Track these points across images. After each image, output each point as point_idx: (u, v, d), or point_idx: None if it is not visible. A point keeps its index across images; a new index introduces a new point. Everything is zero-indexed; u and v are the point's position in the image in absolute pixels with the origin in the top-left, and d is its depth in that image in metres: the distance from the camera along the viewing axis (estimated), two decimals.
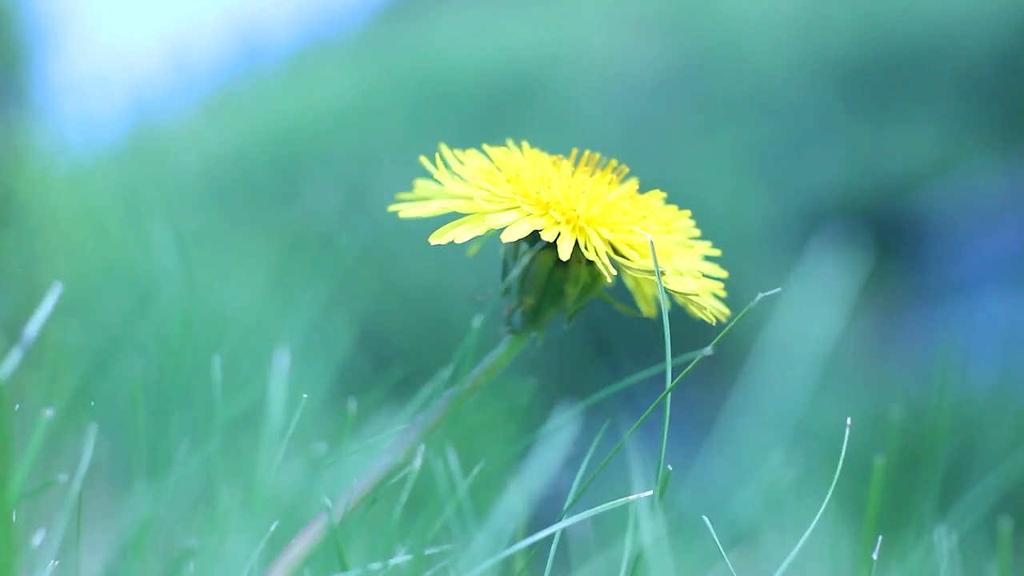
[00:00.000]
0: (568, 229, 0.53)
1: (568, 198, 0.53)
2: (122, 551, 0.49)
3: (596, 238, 0.53)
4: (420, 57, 3.54)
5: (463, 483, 0.56)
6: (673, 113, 3.26)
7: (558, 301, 0.55)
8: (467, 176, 0.56)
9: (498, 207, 0.53)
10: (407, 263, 2.96)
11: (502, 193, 0.54)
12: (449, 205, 0.54)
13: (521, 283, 0.56)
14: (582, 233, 0.53)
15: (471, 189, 0.54)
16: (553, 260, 0.55)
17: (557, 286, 0.55)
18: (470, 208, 0.53)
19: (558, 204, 0.53)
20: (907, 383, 2.64)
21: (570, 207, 0.53)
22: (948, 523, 0.68)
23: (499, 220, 0.53)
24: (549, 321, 0.56)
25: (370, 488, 0.51)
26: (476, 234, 0.53)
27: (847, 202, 2.99)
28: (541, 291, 0.55)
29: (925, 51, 3.12)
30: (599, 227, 0.54)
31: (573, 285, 0.55)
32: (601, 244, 0.53)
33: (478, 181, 0.55)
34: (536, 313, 0.56)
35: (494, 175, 0.55)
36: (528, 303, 0.55)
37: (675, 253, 0.55)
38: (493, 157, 0.57)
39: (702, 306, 0.55)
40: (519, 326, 0.56)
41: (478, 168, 0.56)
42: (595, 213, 0.54)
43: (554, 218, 0.53)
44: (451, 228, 0.53)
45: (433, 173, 0.56)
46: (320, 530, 0.48)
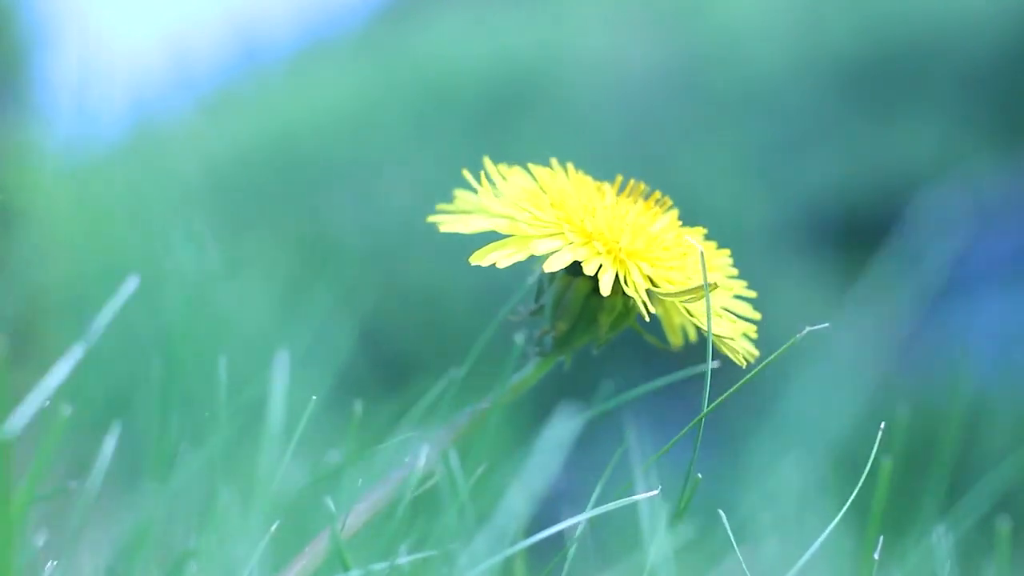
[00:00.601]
0: (609, 260, 0.53)
1: (612, 229, 0.53)
2: (123, 552, 0.49)
3: (636, 273, 0.53)
4: (420, 57, 3.54)
5: (465, 484, 0.56)
6: (673, 113, 3.26)
7: (591, 329, 0.55)
8: (510, 195, 0.55)
9: (541, 233, 0.53)
10: (409, 265, 2.96)
11: (546, 218, 0.53)
12: (491, 225, 0.53)
13: (554, 308, 0.55)
14: (622, 266, 0.53)
15: (514, 210, 0.54)
16: (589, 288, 0.54)
17: (591, 315, 0.55)
18: (512, 230, 0.53)
19: (602, 235, 0.53)
20: (907, 383, 2.64)
21: (613, 239, 0.53)
22: (948, 523, 0.68)
23: (542, 247, 0.52)
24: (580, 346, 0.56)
25: (385, 502, 0.51)
26: (518, 259, 0.52)
27: (847, 201, 2.99)
28: (575, 318, 0.55)
29: (925, 51, 3.12)
30: (640, 261, 0.53)
31: (607, 315, 0.55)
32: (641, 280, 0.53)
33: (522, 203, 0.54)
34: (567, 339, 0.55)
35: (538, 197, 0.55)
36: (560, 328, 0.55)
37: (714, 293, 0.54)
38: (538, 178, 0.56)
39: (735, 349, 0.55)
40: (549, 350, 0.55)
41: (522, 188, 0.55)
42: (638, 248, 0.53)
43: (596, 249, 0.53)
44: (493, 250, 0.52)
45: (476, 189, 0.55)
46: (327, 540, 0.48)
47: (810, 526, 0.77)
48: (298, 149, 3.40)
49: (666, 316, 0.58)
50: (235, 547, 0.45)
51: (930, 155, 3.04)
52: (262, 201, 3.31)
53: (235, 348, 0.59)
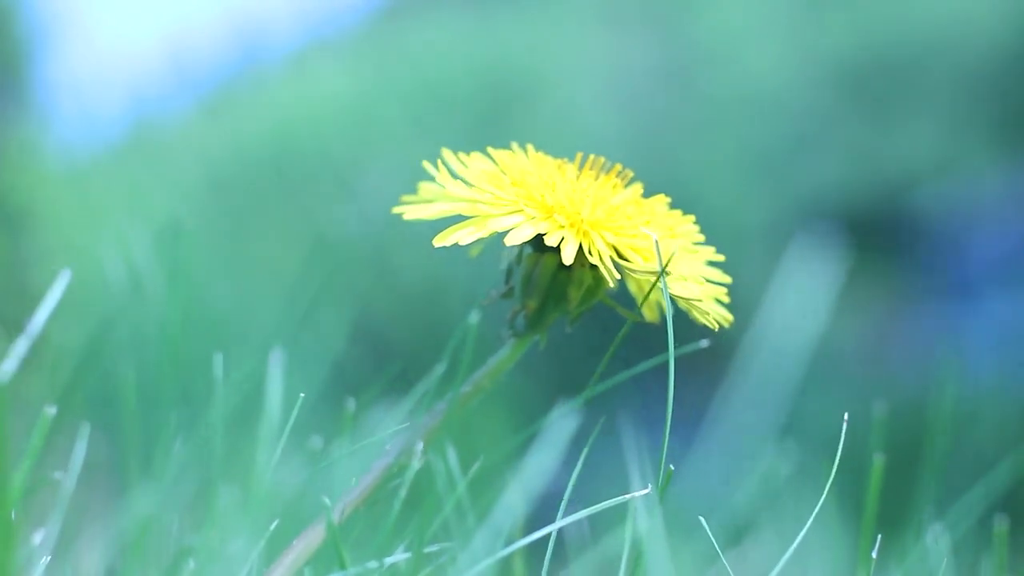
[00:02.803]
0: (572, 233, 0.53)
1: (572, 202, 0.53)
2: (121, 549, 0.49)
3: (600, 242, 0.53)
4: (418, 57, 3.54)
5: (462, 481, 0.56)
6: (672, 113, 3.26)
7: (561, 304, 0.55)
8: (471, 179, 0.55)
9: (502, 210, 0.53)
10: (404, 261, 2.96)
11: (506, 196, 0.54)
12: (453, 208, 0.54)
13: (524, 286, 0.56)
14: (586, 237, 0.53)
15: (475, 192, 0.54)
16: (556, 263, 0.55)
17: (560, 289, 0.55)
18: (474, 211, 0.53)
19: (562, 208, 0.53)
20: (907, 382, 2.64)
21: (574, 211, 0.53)
22: (946, 522, 0.68)
23: (503, 223, 0.53)
24: (552, 324, 0.56)
25: (370, 489, 0.51)
26: (479, 236, 0.53)
27: (847, 202, 2.99)
28: (544, 294, 0.55)
29: (925, 51, 3.12)
30: (603, 231, 0.53)
31: (576, 289, 0.55)
32: (605, 248, 0.53)
33: (482, 184, 0.55)
34: (539, 316, 0.56)
35: (498, 178, 0.55)
36: (531, 306, 0.55)
37: (679, 258, 0.55)
38: (497, 160, 0.57)
39: (705, 311, 0.55)
40: (522, 329, 0.56)
41: (482, 171, 0.56)
42: (599, 217, 0.53)
43: (558, 222, 0.53)
44: (455, 231, 0.53)
45: (435, 176, 0.56)
46: (320, 531, 0.49)
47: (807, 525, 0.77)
48: (297, 148, 3.40)
49: (639, 291, 0.58)
50: (233, 544, 0.45)
51: (930, 155, 3.04)
52: (261, 199, 3.32)
53: (233, 345, 0.59)
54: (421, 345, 2.47)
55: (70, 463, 0.51)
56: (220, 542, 0.45)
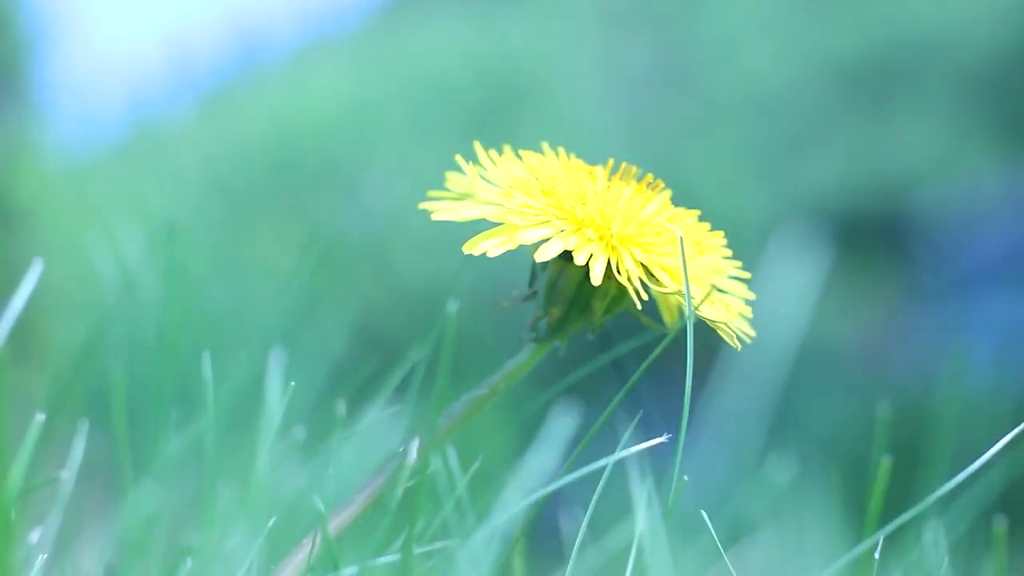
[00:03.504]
0: (600, 247, 0.52)
1: (603, 215, 0.53)
2: (120, 548, 0.49)
3: (629, 260, 0.53)
4: (418, 57, 3.54)
5: (461, 480, 0.56)
6: (672, 113, 3.26)
7: (585, 314, 0.55)
8: (501, 182, 0.55)
9: (531, 222, 0.52)
10: (404, 259, 2.96)
11: (536, 205, 0.53)
12: (481, 212, 0.53)
13: (548, 293, 0.55)
14: (614, 252, 0.52)
15: (504, 198, 0.54)
16: (582, 274, 0.54)
17: (585, 300, 0.55)
18: (502, 218, 0.53)
19: (593, 222, 0.53)
20: (907, 382, 2.64)
21: (605, 225, 0.53)
22: (945, 522, 0.68)
23: (532, 236, 0.52)
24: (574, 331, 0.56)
25: (374, 495, 0.51)
26: (508, 248, 0.52)
27: (847, 202, 2.99)
28: (568, 303, 0.55)
29: (925, 51, 3.12)
30: (632, 247, 0.53)
31: (601, 300, 0.55)
32: (634, 267, 0.52)
33: (512, 190, 0.54)
34: (562, 324, 0.55)
35: (529, 185, 0.55)
36: (554, 314, 0.55)
37: (707, 277, 0.54)
38: (528, 164, 0.56)
39: (731, 333, 0.54)
40: (543, 335, 0.55)
41: (512, 176, 0.55)
42: (629, 233, 0.53)
43: (587, 237, 0.53)
44: (483, 239, 0.52)
45: (467, 174, 0.55)
46: (318, 534, 0.48)
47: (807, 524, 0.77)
48: (296, 148, 3.40)
49: (663, 300, 0.58)
50: (231, 542, 0.45)
51: (930, 155, 3.04)
52: (261, 199, 3.32)
53: (234, 345, 0.59)
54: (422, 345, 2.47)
55: (69, 462, 0.51)
56: (219, 541, 0.45)
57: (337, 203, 3.21)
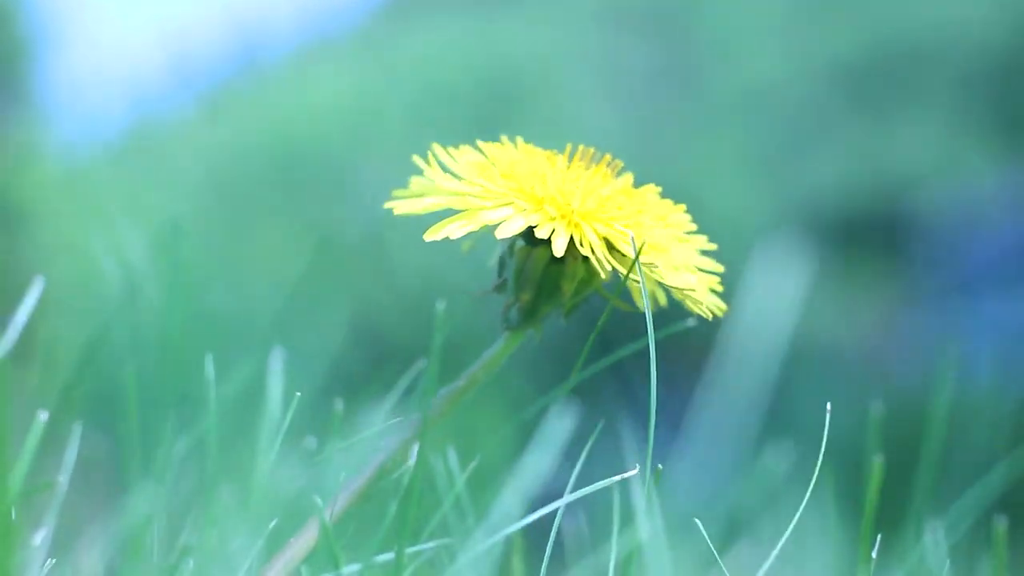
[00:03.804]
0: (563, 225, 0.53)
1: (563, 193, 0.53)
2: (120, 549, 0.49)
3: (591, 233, 0.53)
4: (418, 56, 3.54)
5: (460, 479, 0.56)
6: (672, 112, 3.26)
7: (554, 297, 0.55)
8: (461, 172, 0.55)
9: (492, 203, 0.53)
10: (402, 259, 2.96)
11: (496, 189, 0.54)
12: (443, 201, 0.54)
13: (516, 279, 0.55)
14: (577, 228, 0.53)
15: (465, 185, 0.54)
16: (548, 256, 0.54)
17: (553, 282, 0.55)
18: (464, 204, 0.53)
19: (553, 199, 0.53)
20: (906, 382, 2.64)
21: (565, 202, 0.53)
22: (945, 522, 0.68)
23: (493, 216, 0.53)
24: (546, 317, 0.56)
25: (364, 486, 0.51)
26: (470, 230, 0.53)
27: (846, 201, 2.99)
28: (537, 287, 0.55)
29: (925, 51, 3.12)
30: (594, 222, 0.53)
31: (569, 281, 0.55)
32: (596, 239, 0.53)
33: (472, 177, 0.55)
34: (532, 309, 0.55)
35: (488, 170, 0.55)
36: (524, 299, 0.55)
37: (671, 247, 0.55)
38: (487, 152, 0.56)
39: (699, 301, 0.55)
40: (516, 323, 0.55)
41: (472, 163, 0.56)
42: (590, 208, 0.53)
43: (549, 214, 0.53)
44: (445, 224, 0.53)
45: (425, 170, 0.55)
46: (314, 530, 0.48)
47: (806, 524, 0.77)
48: (296, 147, 3.40)
49: (632, 281, 0.58)
50: (232, 543, 0.45)
51: (930, 155, 3.04)
52: (260, 199, 3.32)
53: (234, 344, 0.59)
54: (420, 343, 2.47)
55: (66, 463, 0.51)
56: (219, 542, 0.45)
57: (336, 202, 3.21)
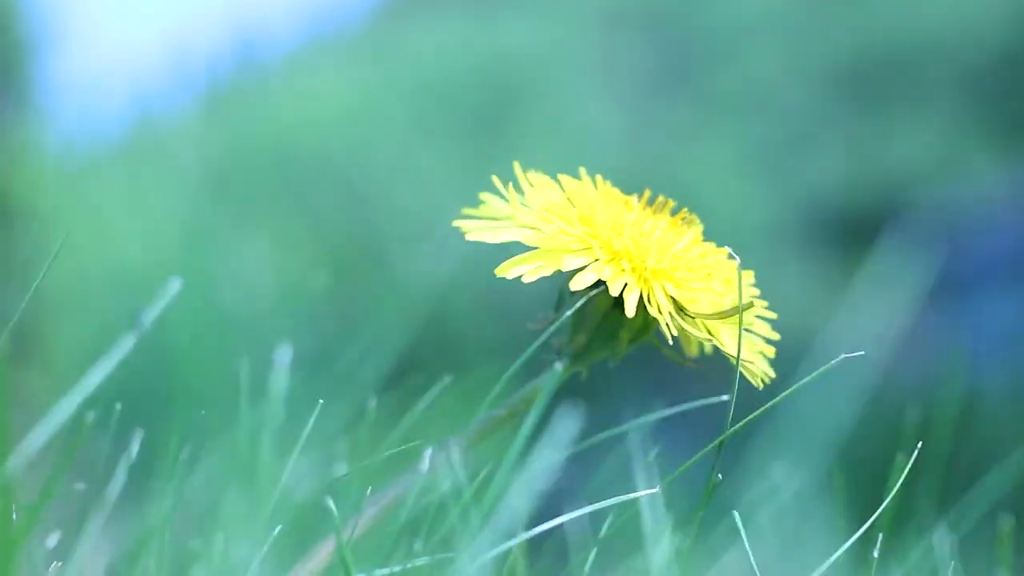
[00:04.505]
0: (634, 279, 0.52)
1: (639, 247, 0.53)
2: (129, 554, 0.49)
3: (661, 294, 0.53)
4: (418, 56, 3.54)
5: (467, 482, 0.56)
6: (671, 111, 3.26)
7: (609, 344, 0.55)
8: (538, 206, 0.55)
9: (569, 248, 0.52)
10: (408, 261, 2.96)
11: (573, 232, 0.53)
12: (519, 236, 0.53)
13: (575, 321, 0.55)
14: (647, 285, 0.52)
15: (542, 222, 0.54)
16: (610, 303, 0.54)
17: (611, 329, 0.55)
18: (539, 242, 0.52)
19: (629, 253, 0.53)
20: (907, 381, 2.64)
21: (639, 258, 0.53)
22: (949, 522, 0.68)
23: (570, 263, 0.52)
24: (598, 360, 0.56)
25: (393, 508, 0.51)
26: (544, 274, 0.52)
27: (847, 201, 2.99)
28: (594, 332, 0.55)
29: (925, 50, 3.12)
30: (665, 281, 0.53)
31: (627, 331, 0.55)
32: (665, 301, 0.52)
33: (550, 214, 0.54)
34: (586, 352, 0.55)
35: (567, 210, 0.54)
36: (579, 342, 0.55)
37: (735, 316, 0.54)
38: (566, 189, 0.56)
39: (752, 372, 0.54)
40: (568, 362, 0.55)
41: (550, 200, 0.55)
42: (663, 267, 0.53)
43: (622, 267, 0.52)
44: (519, 263, 0.52)
45: (504, 196, 0.55)
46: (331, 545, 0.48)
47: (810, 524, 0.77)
48: (297, 147, 3.40)
49: (683, 332, 0.57)
50: (240, 549, 0.45)
51: (930, 154, 3.04)
52: (262, 198, 3.32)
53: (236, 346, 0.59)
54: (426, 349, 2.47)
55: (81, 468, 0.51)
56: (227, 548, 0.45)
57: (337, 201, 3.21)
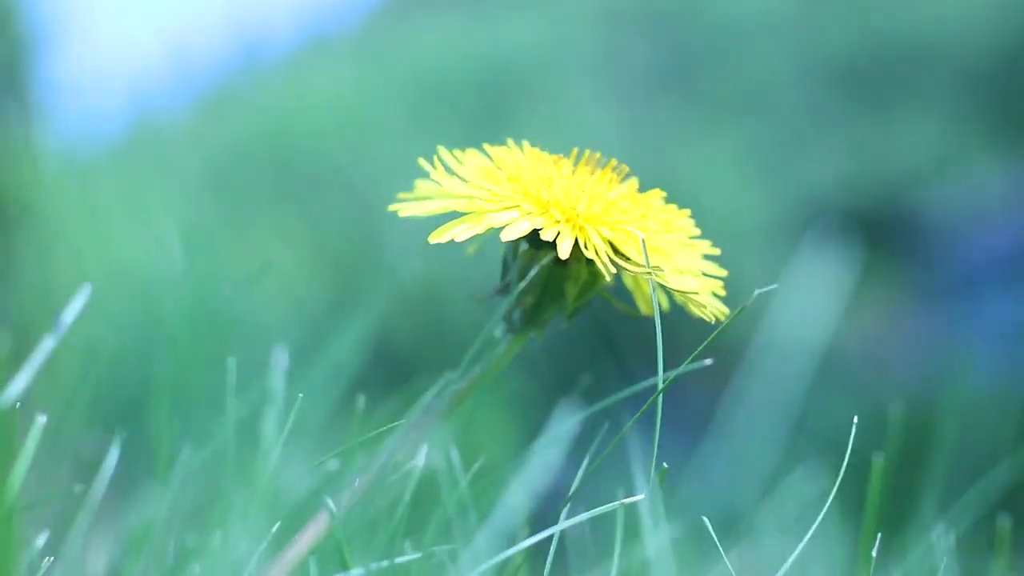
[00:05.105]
0: (568, 228, 0.53)
1: (568, 196, 0.53)
2: (125, 551, 0.49)
3: (596, 237, 0.53)
4: (417, 55, 3.54)
5: (464, 480, 0.56)
6: (671, 110, 3.26)
7: (557, 300, 0.55)
8: (466, 175, 0.55)
9: (498, 206, 0.53)
10: (408, 260, 2.96)
11: (502, 192, 0.54)
12: (448, 204, 0.54)
13: (520, 282, 0.55)
14: (582, 232, 0.53)
15: (471, 188, 0.54)
16: (552, 259, 0.55)
17: (556, 285, 0.55)
18: (469, 207, 0.53)
19: (558, 203, 0.53)
20: (908, 380, 2.64)
21: (570, 206, 0.53)
22: (948, 521, 0.68)
23: (499, 219, 0.53)
24: (549, 320, 0.56)
25: (370, 486, 0.51)
26: (475, 232, 0.53)
27: (847, 200, 2.99)
28: (540, 290, 0.55)
29: (925, 49, 3.12)
30: (599, 226, 0.54)
31: (572, 284, 0.55)
32: (601, 243, 0.53)
33: (478, 180, 0.55)
34: (536, 312, 0.55)
35: (494, 174, 0.55)
36: (528, 302, 0.55)
37: (675, 252, 0.55)
38: (493, 156, 0.57)
39: (702, 304, 0.55)
40: (519, 325, 0.56)
41: (478, 167, 0.56)
42: (595, 212, 0.53)
43: (554, 217, 0.53)
44: (451, 227, 0.53)
45: (431, 173, 0.56)
46: (321, 529, 0.49)
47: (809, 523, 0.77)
48: (297, 146, 3.40)
49: (636, 286, 0.58)
50: (237, 546, 0.45)
51: (930, 154, 3.04)
52: (261, 198, 3.32)
53: (236, 346, 0.59)
54: (421, 342, 2.48)
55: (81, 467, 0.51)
56: (224, 544, 0.45)
57: (336, 201, 3.21)
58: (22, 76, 2.46)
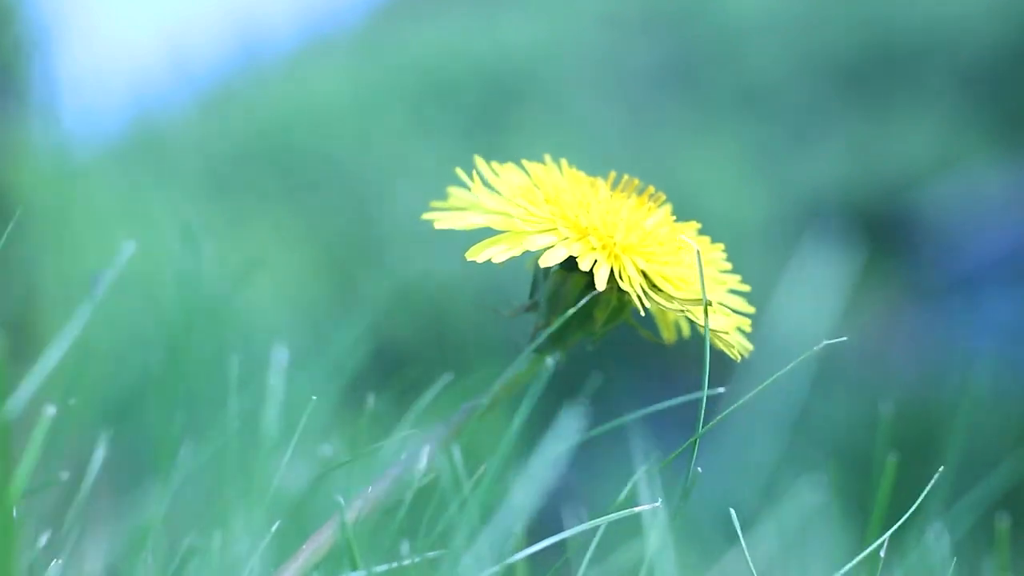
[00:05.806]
0: (604, 256, 0.53)
1: (606, 224, 0.53)
2: (126, 550, 0.49)
3: (632, 268, 0.53)
4: (418, 54, 3.54)
5: (467, 482, 0.56)
6: (671, 110, 3.26)
7: (586, 324, 0.55)
8: (504, 191, 0.55)
9: (536, 228, 0.53)
10: (409, 260, 2.96)
11: (540, 213, 0.53)
12: (486, 221, 0.53)
13: (549, 303, 0.55)
14: (617, 261, 0.53)
15: (508, 205, 0.54)
16: (584, 283, 0.54)
17: (586, 310, 0.55)
18: (507, 226, 0.53)
19: (596, 230, 0.53)
20: (908, 381, 2.64)
21: (608, 234, 0.53)
22: (948, 521, 0.68)
23: (537, 242, 0.52)
24: (574, 343, 0.56)
25: (385, 498, 0.51)
26: (513, 255, 0.52)
27: (847, 200, 2.99)
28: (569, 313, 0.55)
29: (925, 49, 3.12)
30: (635, 256, 0.53)
31: (602, 310, 0.55)
32: (636, 275, 0.53)
33: (516, 198, 0.54)
34: (562, 334, 0.55)
35: (532, 193, 0.55)
36: (554, 324, 0.55)
37: (706, 287, 0.55)
38: (531, 173, 0.56)
39: (730, 344, 0.55)
40: (544, 346, 0.55)
41: (516, 184, 0.56)
42: (632, 242, 0.53)
43: (591, 244, 0.53)
44: (488, 246, 0.52)
45: (469, 185, 0.55)
46: (331, 534, 0.48)
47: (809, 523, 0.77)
48: (297, 145, 3.40)
49: (660, 312, 0.58)
50: (237, 545, 0.45)
51: (930, 153, 3.04)
52: (262, 197, 3.32)
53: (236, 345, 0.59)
54: (424, 344, 2.48)
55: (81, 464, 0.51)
56: (224, 543, 0.45)
57: (336, 200, 3.21)
58: (22, 76, 2.46)
